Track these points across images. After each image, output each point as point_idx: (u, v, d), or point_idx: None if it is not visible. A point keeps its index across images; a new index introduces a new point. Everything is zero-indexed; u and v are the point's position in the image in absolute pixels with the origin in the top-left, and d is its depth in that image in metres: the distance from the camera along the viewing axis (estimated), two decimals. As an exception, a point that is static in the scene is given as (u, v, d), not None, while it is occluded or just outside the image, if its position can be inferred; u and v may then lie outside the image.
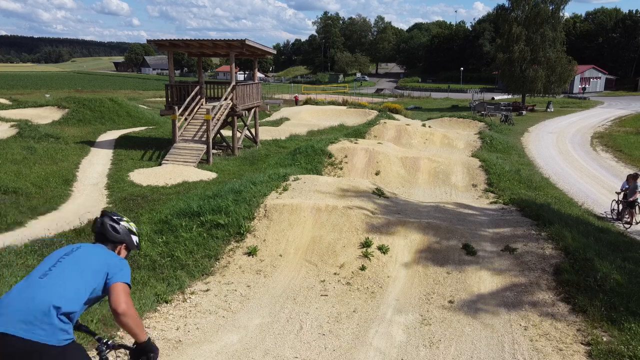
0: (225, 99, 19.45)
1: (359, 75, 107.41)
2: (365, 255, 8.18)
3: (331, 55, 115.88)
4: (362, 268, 7.96)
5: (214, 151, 21.45)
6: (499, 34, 50.29)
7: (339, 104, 42.97)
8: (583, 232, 9.30)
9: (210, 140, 17.86)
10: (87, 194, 13.31)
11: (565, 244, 8.14)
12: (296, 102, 48.57)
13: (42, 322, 2.54)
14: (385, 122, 26.78)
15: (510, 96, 55.00)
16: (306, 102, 44.87)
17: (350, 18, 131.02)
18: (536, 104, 48.32)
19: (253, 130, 23.08)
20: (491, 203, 12.79)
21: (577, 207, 14.04)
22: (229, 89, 19.54)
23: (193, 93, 19.38)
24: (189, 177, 15.59)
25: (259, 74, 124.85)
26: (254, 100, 21.83)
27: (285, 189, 10.50)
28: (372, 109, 38.95)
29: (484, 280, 7.60)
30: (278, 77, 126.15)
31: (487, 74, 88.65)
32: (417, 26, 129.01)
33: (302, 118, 37.46)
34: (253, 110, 22.33)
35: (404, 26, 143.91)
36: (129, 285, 2.95)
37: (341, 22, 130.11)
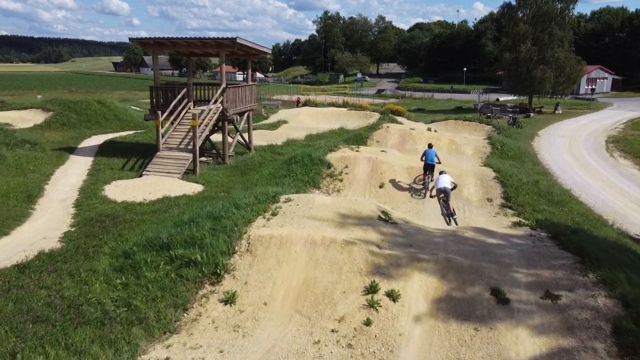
0: (215, 102, 17.79)
1: (359, 75, 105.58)
2: (371, 305, 6.54)
3: (331, 55, 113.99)
4: (367, 322, 6.32)
5: (203, 159, 19.79)
6: (504, 33, 48.55)
7: (339, 106, 41.25)
8: (626, 263, 7.65)
9: (197, 149, 16.20)
10: (51, 214, 11.65)
11: (623, 291, 6.49)
12: (297, 104, 46.76)
13: None
14: (388, 127, 25.11)
15: (515, 97, 53.31)
16: (305, 104, 43.17)
17: (351, 18, 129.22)
18: (543, 106, 46.57)
19: (246, 136, 21.41)
20: (514, 225, 11.13)
21: (608, 227, 12.40)
22: (218, 92, 17.87)
23: (179, 96, 17.72)
24: (171, 191, 13.92)
25: (258, 74, 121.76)
26: (247, 103, 20.15)
27: (274, 214, 8.84)
28: (374, 111, 37.26)
29: (522, 341, 5.96)
30: (278, 78, 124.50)
31: (489, 74, 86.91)
32: (418, 26, 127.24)
33: (301, 121, 35.77)
34: (246, 114, 20.66)
35: (404, 26, 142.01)
36: None
37: (341, 21, 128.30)
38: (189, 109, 18.23)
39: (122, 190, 13.84)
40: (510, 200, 14.31)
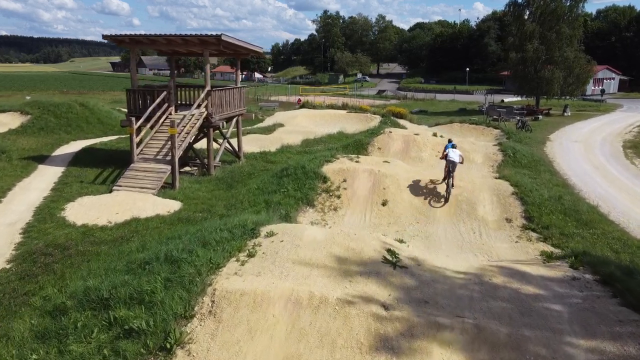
0: (198, 106, 15.92)
1: (359, 75, 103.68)
2: (376, 402, 4.66)
3: (331, 55, 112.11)
4: None
5: (187, 169, 17.99)
6: (507, 32, 46.71)
7: (338, 108, 39.36)
8: None
9: (176, 160, 14.33)
10: (-9, 242, 9.80)
11: None
12: (298, 105, 44.77)
13: None
14: (390, 132, 23.23)
15: (519, 98, 51.45)
16: (303, 106, 41.25)
17: (351, 17, 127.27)
18: (551, 107, 44.64)
19: (236, 143, 19.53)
20: (545, 258, 9.26)
21: (653, 257, 10.51)
22: (202, 95, 16.00)
23: (158, 100, 15.84)
24: (143, 211, 12.06)
25: (257, 75, 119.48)
26: (235, 107, 18.27)
27: (250, 254, 6.97)
28: (375, 113, 35.39)
29: None
30: (277, 78, 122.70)
31: (492, 74, 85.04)
32: (419, 25, 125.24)
33: (298, 124, 33.91)
34: (235, 119, 18.78)
35: (405, 26, 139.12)
36: None
37: (341, 21, 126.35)
38: (170, 114, 16.36)
39: (85, 210, 11.97)
40: (533, 220, 12.45)
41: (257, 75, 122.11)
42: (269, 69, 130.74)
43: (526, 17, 43.30)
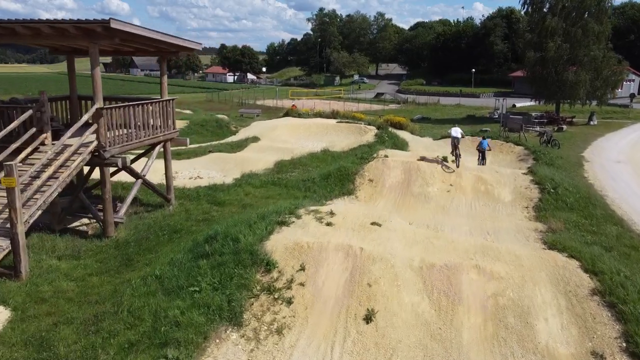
0: (81, 131, 10.07)
1: (357, 77, 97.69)
2: None
3: (327, 55, 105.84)
4: None
5: (85, 221, 12.09)
6: (516, 29, 40.99)
7: (327, 117, 33.46)
8: None
9: (20, 230, 8.50)
10: None
11: None
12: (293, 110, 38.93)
13: None
14: (386, 157, 17.35)
15: (533, 103, 45.55)
16: (286, 114, 35.30)
17: (349, 15, 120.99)
18: (574, 115, 38.70)
19: (165, 178, 13.61)
20: None
21: None
22: (85, 117, 10.14)
23: (16, 122, 10.00)
24: None
25: (249, 76, 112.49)
26: (156, 130, 12.33)
27: None
28: (370, 124, 29.48)
29: None
30: (271, 79, 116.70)
31: (499, 75, 79.18)
32: (420, 24, 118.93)
33: (277, 137, 28.04)
34: (159, 147, 12.83)
35: (404, 26, 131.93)
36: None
37: (338, 19, 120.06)
38: (43, 144, 10.48)
39: None
40: (645, 360, 6.62)
41: (250, 76, 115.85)
42: (264, 70, 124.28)
43: (545, 10, 37.47)
